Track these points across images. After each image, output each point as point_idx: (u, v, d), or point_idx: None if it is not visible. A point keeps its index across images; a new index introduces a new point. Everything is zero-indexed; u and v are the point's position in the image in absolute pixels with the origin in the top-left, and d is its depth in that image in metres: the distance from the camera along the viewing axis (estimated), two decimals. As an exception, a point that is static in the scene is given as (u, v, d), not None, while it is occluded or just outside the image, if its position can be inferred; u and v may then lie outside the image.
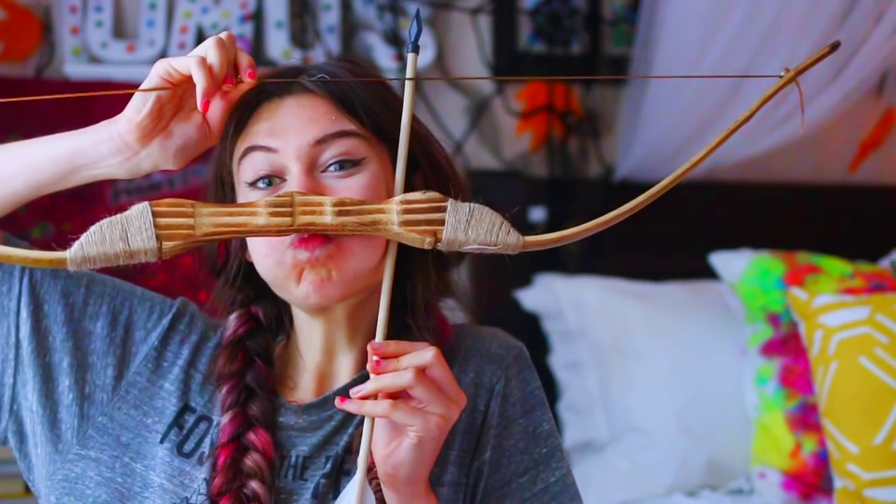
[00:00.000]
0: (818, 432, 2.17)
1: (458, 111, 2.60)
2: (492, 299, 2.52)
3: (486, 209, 0.96)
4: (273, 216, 0.94)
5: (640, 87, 2.55)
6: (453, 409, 0.96)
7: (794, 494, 2.18)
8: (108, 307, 1.14)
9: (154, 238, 0.91)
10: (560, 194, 2.56)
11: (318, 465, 1.10)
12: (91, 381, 1.12)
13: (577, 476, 2.32)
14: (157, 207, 0.92)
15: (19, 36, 2.28)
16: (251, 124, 1.09)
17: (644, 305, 2.39)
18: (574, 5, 2.64)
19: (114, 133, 1.02)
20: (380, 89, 1.13)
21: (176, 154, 1.03)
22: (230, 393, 1.12)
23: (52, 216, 2.17)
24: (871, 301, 2.16)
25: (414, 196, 0.96)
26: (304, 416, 1.13)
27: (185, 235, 0.92)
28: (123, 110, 1.02)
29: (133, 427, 1.12)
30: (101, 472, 1.10)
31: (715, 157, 2.70)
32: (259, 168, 1.07)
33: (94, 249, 0.91)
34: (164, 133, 1.02)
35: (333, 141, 1.07)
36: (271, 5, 2.41)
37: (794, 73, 1.01)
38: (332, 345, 1.14)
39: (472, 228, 0.95)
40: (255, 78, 1.01)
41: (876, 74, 2.57)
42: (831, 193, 2.79)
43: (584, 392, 2.35)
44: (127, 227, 0.91)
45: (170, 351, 1.15)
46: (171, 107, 1.02)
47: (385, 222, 0.95)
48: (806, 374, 2.21)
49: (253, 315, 1.16)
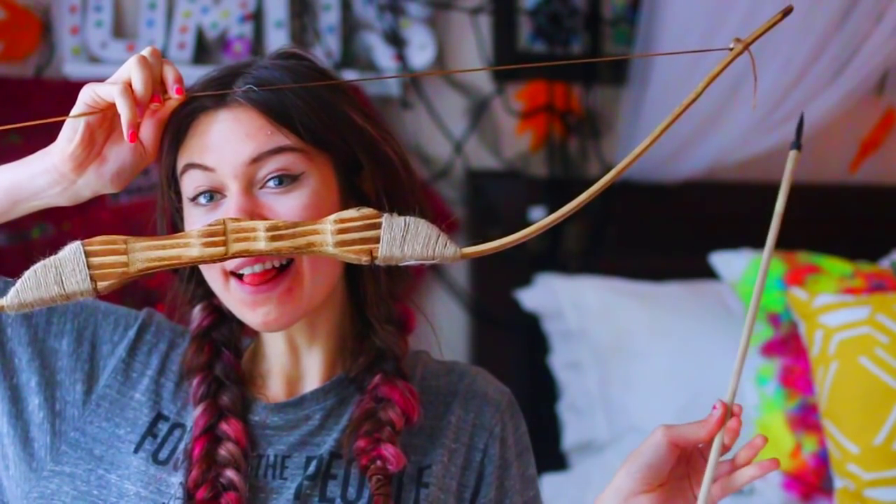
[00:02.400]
0: (818, 432, 2.16)
1: (458, 111, 2.60)
2: (492, 299, 2.52)
3: (423, 223, 0.94)
4: (206, 246, 0.93)
5: (640, 86, 2.55)
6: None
7: (795, 494, 2.18)
8: (71, 325, 1.13)
9: (88, 279, 0.91)
10: (560, 194, 2.56)
11: (298, 464, 1.11)
12: (61, 398, 1.12)
13: (577, 476, 2.34)
14: (89, 247, 0.92)
15: (19, 36, 2.28)
16: (188, 137, 1.07)
17: (644, 305, 2.39)
18: (574, 5, 2.64)
19: (48, 165, 1.01)
20: (321, 90, 1.09)
21: (113, 178, 1.02)
22: (200, 385, 1.12)
23: (51, 217, 2.17)
24: (872, 301, 2.15)
25: (347, 214, 0.93)
26: (280, 414, 1.13)
27: (120, 274, 0.92)
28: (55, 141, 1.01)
29: (106, 439, 1.12)
30: (77, 486, 1.10)
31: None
32: (199, 184, 1.06)
33: (31, 295, 0.91)
34: (99, 159, 1.01)
35: (270, 157, 1.05)
36: (271, 5, 2.41)
37: (743, 44, 1.03)
38: (294, 347, 1.15)
39: (408, 244, 0.93)
40: (183, 93, 0.99)
41: (876, 74, 2.57)
42: (831, 193, 2.79)
43: (584, 392, 2.35)
44: (61, 270, 0.91)
45: (138, 362, 1.15)
46: (103, 131, 1.01)
47: (319, 243, 0.93)
48: (806, 375, 2.21)
49: (216, 307, 1.15)
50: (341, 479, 1.10)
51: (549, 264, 2.51)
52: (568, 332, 2.39)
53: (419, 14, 2.52)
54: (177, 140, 1.08)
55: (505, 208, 2.51)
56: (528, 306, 2.45)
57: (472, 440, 1.15)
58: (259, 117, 1.05)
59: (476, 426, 1.16)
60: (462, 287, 2.55)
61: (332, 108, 1.08)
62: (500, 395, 1.19)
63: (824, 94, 2.48)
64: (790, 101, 2.47)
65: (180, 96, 0.99)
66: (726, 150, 2.53)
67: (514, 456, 1.17)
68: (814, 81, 2.45)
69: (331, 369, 1.15)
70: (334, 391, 1.14)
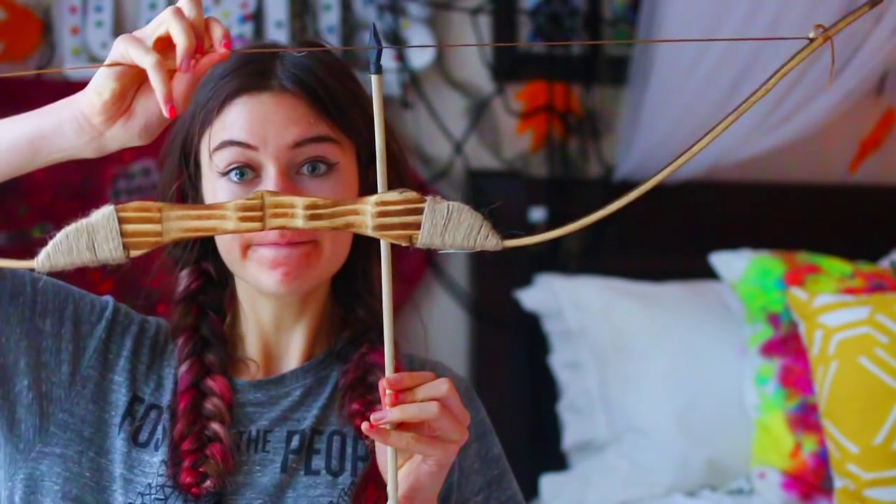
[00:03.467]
0: (818, 432, 2.16)
1: (458, 111, 2.60)
2: (492, 299, 2.53)
3: (466, 210, 0.90)
4: (243, 220, 0.90)
5: (640, 86, 2.55)
6: (464, 432, 0.99)
7: (794, 494, 2.18)
8: (53, 304, 1.14)
9: (121, 247, 0.88)
10: (560, 194, 2.56)
11: (279, 438, 1.14)
12: (47, 379, 1.12)
13: (577, 476, 2.34)
14: (123, 213, 0.88)
15: (19, 36, 2.28)
16: (227, 116, 1.10)
17: (644, 305, 2.39)
18: (574, 5, 2.64)
19: (76, 113, 0.97)
20: (348, 83, 1.15)
21: (141, 132, 0.99)
22: (186, 344, 1.16)
23: (52, 216, 2.17)
24: (871, 301, 2.16)
25: (390, 197, 0.90)
26: (261, 391, 1.16)
27: (154, 242, 0.89)
28: (84, 89, 0.98)
29: (93, 422, 1.13)
30: (69, 466, 1.11)
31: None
32: (234, 159, 1.09)
33: (62, 259, 0.88)
34: (127, 113, 0.98)
35: (310, 144, 1.10)
36: (271, 5, 2.41)
37: (824, 36, 0.95)
38: (280, 322, 1.18)
39: (450, 232, 0.90)
40: (230, 48, 0.94)
41: (876, 74, 2.57)
42: (831, 193, 2.79)
43: (584, 392, 2.35)
44: (94, 236, 0.88)
45: (114, 343, 1.17)
46: (133, 84, 0.98)
47: (359, 224, 0.90)
48: (806, 374, 2.21)
49: (204, 270, 1.19)
50: (324, 453, 1.14)
51: (549, 264, 2.51)
52: (568, 332, 2.39)
53: (419, 14, 2.52)
54: (211, 115, 1.10)
55: (505, 208, 2.50)
56: (528, 306, 2.45)
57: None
58: (302, 104, 1.10)
59: None
60: (462, 287, 2.55)
61: (360, 103, 1.13)
62: (457, 382, 1.19)
63: (824, 94, 2.48)
64: (790, 101, 2.47)
65: (226, 51, 0.93)
66: (726, 150, 2.53)
67: (472, 438, 1.18)
68: (814, 81, 2.45)
69: (310, 349, 1.20)
70: (313, 371, 1.19)
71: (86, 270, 0.89)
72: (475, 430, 1.20)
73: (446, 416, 0.97)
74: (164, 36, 0.93)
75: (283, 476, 1.12)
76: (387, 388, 0.96)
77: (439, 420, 0.96)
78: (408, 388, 0.97)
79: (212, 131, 1.11)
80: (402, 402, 0.96)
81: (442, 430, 0.97)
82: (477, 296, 2.55)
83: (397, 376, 0.97)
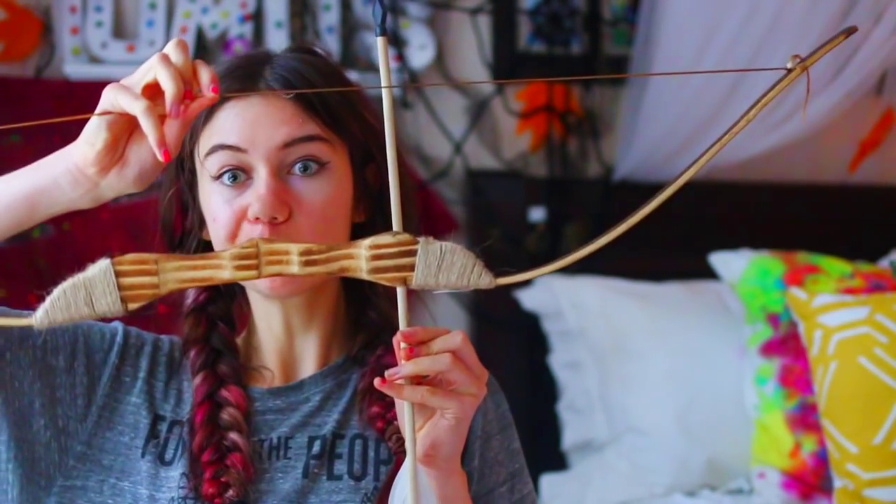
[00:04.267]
0: (818, 432, 2.17)
1: (458, 111, 2.60)
2: (492, 299, 2.52)
3: (459, 250, 0.92)
4: (238, 269, 0.91)
5: (639, 86, 2.55)
6: (482, 386, 0.98)
7: (794, 494, 2.18)
8: (63, 339, 1.14)
9: (119, 301, 0.90)
10: (560, 194, 2.56)
11: (300, 444, 1.14)
12: (63, 415, 1.12)
13: (577, 476, 2.34)
14: (119, 266, 0.89)
15: (19, 36, 2.29)
16: (217, 119, 1.10)
17: (644, 305, 2.39)
18: (574, 5, 2.64)
19: (70, 166, 0.98)
20: (340, 85, 1.15)
21: (136, 180, 1.00)
22: (199, 356, 1.16)
23: (51, 218, 2.17)
24: (871, 301, 2.16)
25: (383, 240, 0.91)
26: (280, 398, 1.16)
27: (151, 294, 0.90)
28: (76, 140, 0.98)
29: (112, 448, 1.13)
30: (91, 498, 1.11)
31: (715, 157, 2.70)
32: (225, 163, 1.10)
33: (60, 315, 0.90)
34: (121, 162, 0.99)
35: (301, 144, 1.09)
36: (271, 5, 2.41)
37: (801, 67, 0.99)
38: (290, 328, 1.17)
39: (443, 273, 0.92)
40: (219, 94, 0.95)
41: (876, 74, 2.57)
42: (831, 193, 2.79)
43: (584, 392, 2.35)
44: (91, 291, 0.89)
45: (128, 365, 1.17)
46: (125, 132, 0.99)
47: (354, 268, 0.92)
48: (805, 374, 2.21)
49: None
50: (346, 457, 1.13)
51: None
52: (567, 332, 2.39)
53: (419, 14, 2.52)
54: (202, 120, 1.11)
55: (505, 208, 2.51)
56: (528, 306, 2.45)
57: None
58: (291, 105, 1.10)
59: None
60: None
61: (352, 104, 1.14)
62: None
63: (824, 95, 2.49)
64: (790, 101, 2.47)
65: (215, 95, 0.95)
66: (726, 150, 2.52)
67: (496, 429, 1.18)
68: (813, 81, 2.45)
69: (326, 354, 1.19)
70: (332, 376, 1.18)
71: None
72: (498, 422, 1.20)
73: (460, 367, 0.95)
74: (153, 83, 0.94)
75: (305, 482, 1.11)
76: (401, 340, 0.95)
77: (452, 371, 0.95)
78: (422, 342, 0.96)
79: (203, 137, 1.11)
80: (417, 356, 0.95)
81: (457, 382, 0.96)
82: (477, 296, 2.54)
83: (411, 330, 0.96)
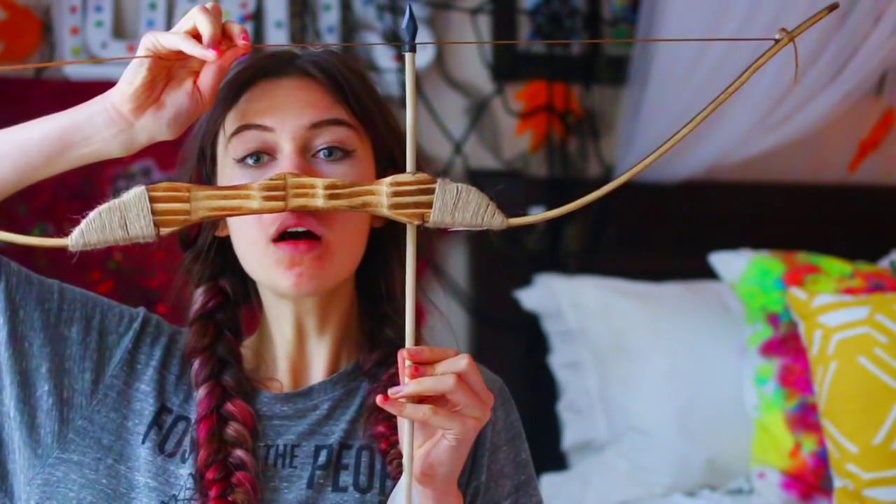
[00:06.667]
0: (818, 432, 2.17)
1: (458, 111, 2.60)
2: (492, 299, 2.53)
3: (474, 191, 0.98)
4: (267, 200, 0.95)
5: (639, 86, 2.55)
6: (486, 410, 0.99)
7: (794, 494, 2.18)
8: (80, 312, 1.14)
9: (152, 225, 0.94)
10: (560, 194, 2.56)
11: (307, 453, 1.12)
12: (69, 386, 1.12)
13: (576, 476, 2.34)
14: (153, 192, 0.94)
15: (19, 36, 2.29)
16: (245, 101, 1.11)
17: (644, 305, 2.39)
18: (574, 5, 2.64)
19: (107, 104, 1.02)
20: (368, 85, 1.17)
21: (170, 123, 1.03)
22: (203, 366, 1.14)
23: (52, 217, 2.17)
24: (871, 301, 2.16)
25: (403, 178, 0.96)
26: (288, 404, 1.15)
27: (182, 221, 0.94)
28: (115, 85, 1.02)
29: (114, 430, 1.12)
30: (85, 474, 1.10)
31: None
32: (250, 145, 1.10)
33: (95, 237, 0.94)
34: (157, 104, 1.02)
35: (327, 127, 1.10)
36: (271, 5, 2.41)
37: (788, 37, 1.06)
38: (302, 332, 1.16)
39: (459, 211, 0.97)
40: (249, 42, 1.00)
41: (876, 74, 2.57)
42: (831, 193, 2.79)
43: (584, 392, 2.35)
44: (126, 214, 0.93)
45: (142, 353, 1.16)
46: (162, 77, 1.02)
47: (375, 204, 0.96)
48: (805, 374, 2.21)
49: (221, 288, 1.18)
50: (352, 469, 1.12)
51: (549, 264, 2.51)
52: (567, 332, 2.39)
53: (419, 14, 2.52)
54: (231, 100, 1.11)
55: (504, 208, 2.50)
56: (528, 306, 2.45)
57: None
58: (320, 88, 1.11)
59: None
60: (462, 287, 2.55)
61: (378, 104, 1.15)
62: (492, 381, 1.20)
63: (824, 94, 2.49)
64: (790, 101, 2.47)
65: (246, 43, 0.99)
66: (726, 150, 2.53)
67: (503, 440, 1.18)
68: (813, 81, 2.45)
69: (336, 361, 1.18)
70: (342, 383, 1.17)
71: (86, 270, 0.90)
72: (506, 433, 1.19)
73: (463, 389, 0.96)
74: (191, 31, 0.98)
75: (309, 493, 1.10)
76: (406, 358, 0.95)
77: (456, 393, 0.95)
78: (427, 362, 0.96)
79: (228, 119, 1.12)
80: (422, 375, 0.95)
81: (460, 404, 0.96)
82: (477, 296, 2.55)
83: (418, 349, 0.97)
